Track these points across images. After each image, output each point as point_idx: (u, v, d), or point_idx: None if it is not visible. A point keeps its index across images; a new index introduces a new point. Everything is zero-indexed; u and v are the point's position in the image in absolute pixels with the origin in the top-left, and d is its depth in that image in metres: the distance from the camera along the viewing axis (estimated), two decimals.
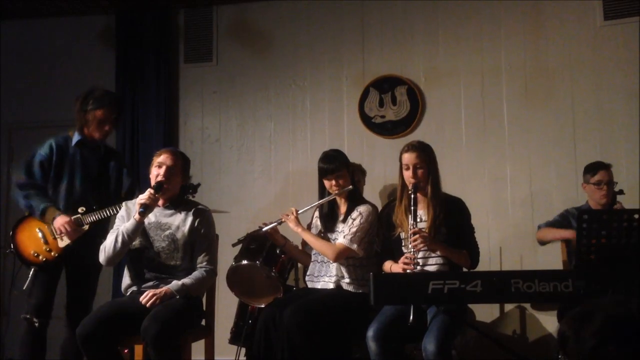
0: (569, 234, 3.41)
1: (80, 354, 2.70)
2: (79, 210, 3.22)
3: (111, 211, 3.20)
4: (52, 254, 3.21)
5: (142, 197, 2.86)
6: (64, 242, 3.21)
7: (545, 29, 4.22)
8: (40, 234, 3.23)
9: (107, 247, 2.90)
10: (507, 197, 4.17)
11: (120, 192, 3.41)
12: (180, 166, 3.03)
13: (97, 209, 3.22)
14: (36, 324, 3.18)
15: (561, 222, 3.55)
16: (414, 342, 2.75)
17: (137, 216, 2.84)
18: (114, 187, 3.41)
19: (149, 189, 2.89)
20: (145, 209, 2.83)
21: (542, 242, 3.61)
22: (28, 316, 3.21)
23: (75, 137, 3.34)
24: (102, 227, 3.33)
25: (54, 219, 3.18)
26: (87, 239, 3.23)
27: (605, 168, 3.48)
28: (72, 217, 3.20)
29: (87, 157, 3.35)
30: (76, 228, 3.19)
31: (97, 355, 2.67)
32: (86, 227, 3.23)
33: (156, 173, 2.96)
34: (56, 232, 3.19)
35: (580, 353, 1.23)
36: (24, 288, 3.24)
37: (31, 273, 3.23)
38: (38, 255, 3.21)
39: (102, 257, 2.93)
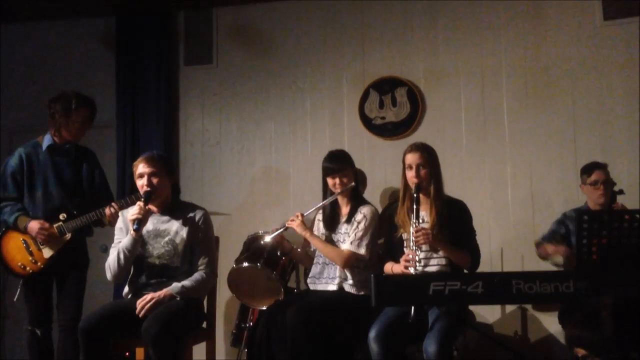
0: (561, 250, 3.42)
1: (75, 358, 2.70)
2: (60, 217, 3.19)
3: (92, 217, 3.18)
4: (38, 264, 3.19)
5: (133, 213, 2.82)
6: (49, 252, 3.19)
7: (545, 29, 4.21)
8: (24, 245, 3.20)
9: (111, 265, 2.89)
10: (508, 198, 4.16)
11: (96, 194, 3.37)
12: (161, 168, 2.95)
13: (77, 214, 3.20)
14: (38, 334, 3.18)
15: (557, 231, 3.54)
16: (416, 343, 2.75)
17: (132, 232, 2.82)
18: (88, 189, 3.37)
19: (138, 202, 2.86)
20: (139, 223, 2.81)
21: (543, 259, 3.59)
22: (30, 327, 3.21)
23: (46, 142, 3.30)
24: (85, 228, 3.31)
25: (25, 227, 3.16)
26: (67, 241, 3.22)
27: (601, 168, 3.48)
28: (54, 225, 3.18)
29: (59, 162, 3.32)
30: (56, 236, 3.17)
31: (94, 348, 2.65)
32: (69, 235, 3.21)
33: (141, 184, 2.93)
34: (37, 241, 3.17)
35: (600, 340, 1.22)
36: (15, 299, 3.24)
37: (20, 285, 3.23)
38: (25, 267, 3.18)
39: (108, 275, 2.92)
